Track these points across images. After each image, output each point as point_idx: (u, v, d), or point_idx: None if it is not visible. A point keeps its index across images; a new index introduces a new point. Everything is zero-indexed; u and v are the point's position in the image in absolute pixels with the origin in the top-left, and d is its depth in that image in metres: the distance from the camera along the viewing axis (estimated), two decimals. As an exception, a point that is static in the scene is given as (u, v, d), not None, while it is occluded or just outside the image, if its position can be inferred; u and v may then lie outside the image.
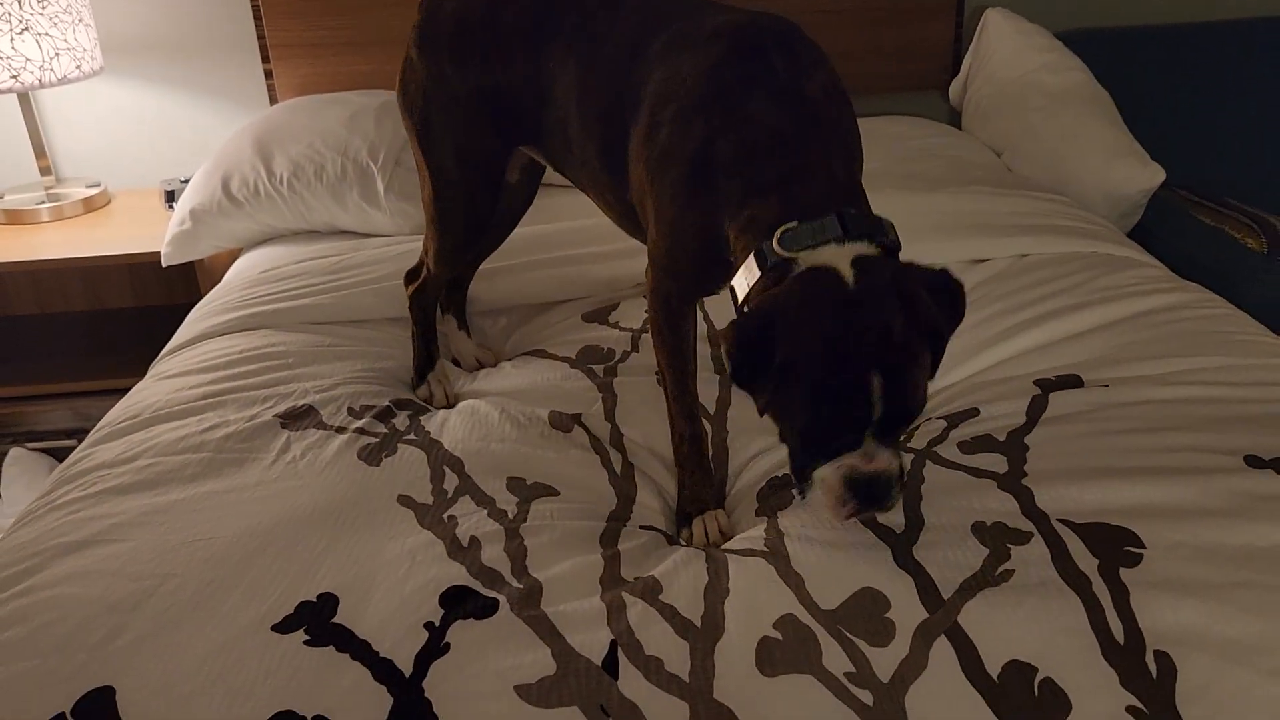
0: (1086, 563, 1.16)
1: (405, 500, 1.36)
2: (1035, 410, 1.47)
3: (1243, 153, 2.69)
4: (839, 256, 1.16)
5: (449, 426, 1.55)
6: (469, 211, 1.65)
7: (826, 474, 1.17)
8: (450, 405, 1.67)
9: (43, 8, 2.34)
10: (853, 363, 1.11)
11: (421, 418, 1.58)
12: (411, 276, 1.78)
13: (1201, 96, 2.70)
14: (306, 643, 1.12)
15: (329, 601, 1.17)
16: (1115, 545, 1.19)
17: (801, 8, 1.30)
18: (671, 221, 1.34)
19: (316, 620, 1.15)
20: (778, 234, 1.19)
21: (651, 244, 1.40)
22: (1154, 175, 2.30)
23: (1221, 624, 1.08)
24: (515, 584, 1.20)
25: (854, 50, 2.67)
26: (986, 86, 2.64)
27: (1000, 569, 1.17)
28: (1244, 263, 2.12)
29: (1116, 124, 2.42)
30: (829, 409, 1.13)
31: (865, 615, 1.13)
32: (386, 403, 1.62)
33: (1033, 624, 1.10)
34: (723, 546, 1.31)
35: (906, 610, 1.13)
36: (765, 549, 1.25)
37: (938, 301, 1.18)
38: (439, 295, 1.79)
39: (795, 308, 1.14)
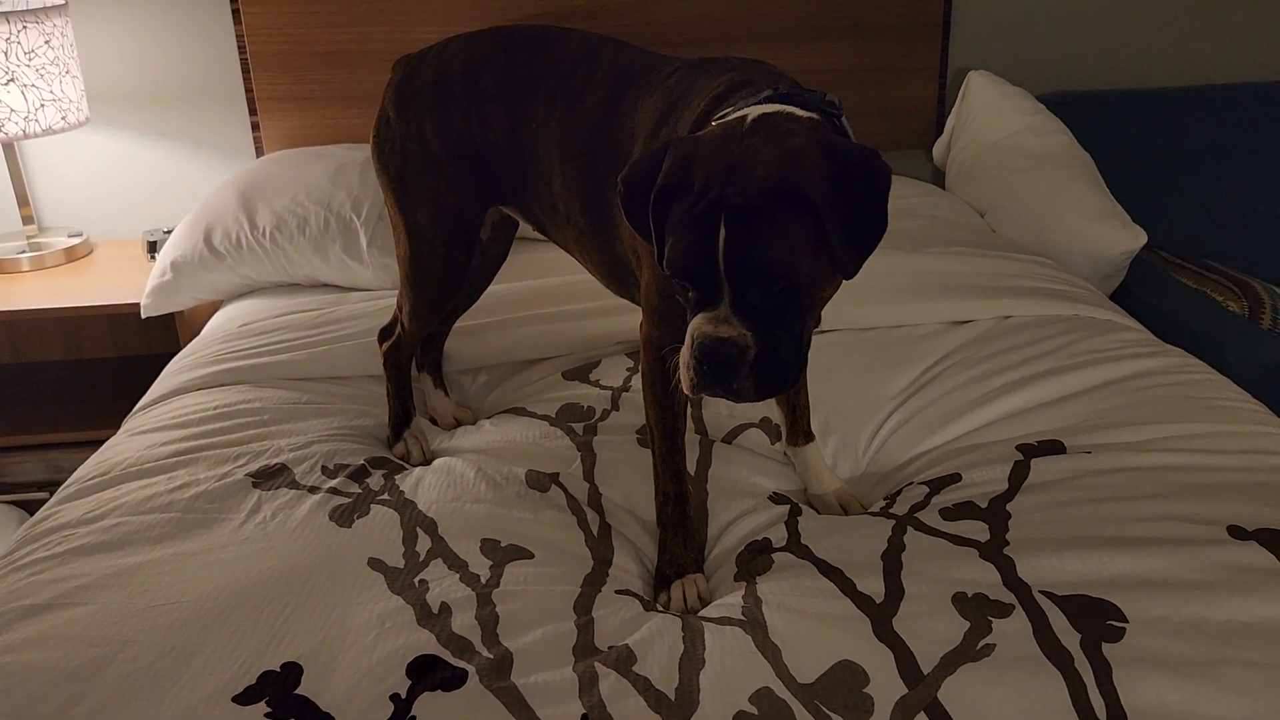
0: (1068, 637, 1.14)
1: (376, 563, 1.33)
2: (1018, 476, 1.46)
3: (1224, 216, 2.70)
4: (751, 112, 1.17)
5: (423, 486, 1.52)
6: (445, 270, 1.65)
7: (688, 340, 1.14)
8: (427, 462, 1.64)
9: (29, 59, 2.35)
10: (701, 196, 1.10)
11: (396, 477, 1.56)
12: (385, 334, 1.77)
13: (1183, 160, 2.73)
14: (268, 715, 1.08)
15: (293, 671, 1.14)
16: (1097, 619, 1.16)
17: (786, 68, 1.31)
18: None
19: (279, 691, 1.11)
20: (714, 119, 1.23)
21: (644, 289, 1.39)
22: (1136, 237, 2.31)
23: (1206, 703, 1.06)
24: (485, 653, 1.17)
25: (838, 109, 2.68)
26: (970, 147, 2.66)
27: (981, 643, 1.14)
28: (1226, 325, 2.12)
29: (1099, 187, 2.44)
30: (676, 244, 1.12)
31: (844, 690, 1.10)
32: (361, 461, 1.60)
33: (1014, 701, 1.07)
34: (700, 613, 1.29)
35: (886, 685, 1.11)
36: (743, 617, 1.23)
37: (845, 176, 1.10)
38: (413, 353, 1.77)
39: (679, 144, 1.16)
